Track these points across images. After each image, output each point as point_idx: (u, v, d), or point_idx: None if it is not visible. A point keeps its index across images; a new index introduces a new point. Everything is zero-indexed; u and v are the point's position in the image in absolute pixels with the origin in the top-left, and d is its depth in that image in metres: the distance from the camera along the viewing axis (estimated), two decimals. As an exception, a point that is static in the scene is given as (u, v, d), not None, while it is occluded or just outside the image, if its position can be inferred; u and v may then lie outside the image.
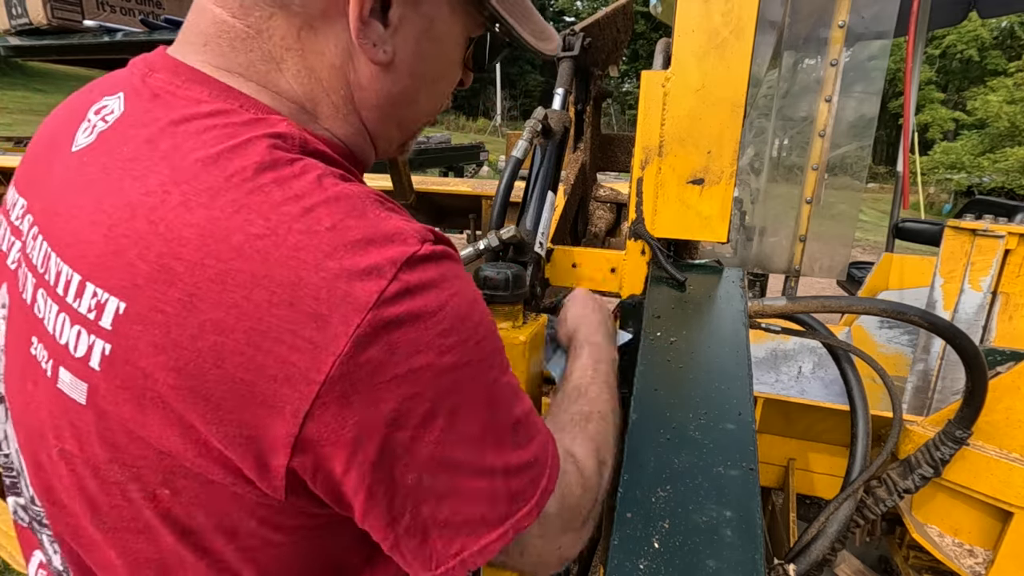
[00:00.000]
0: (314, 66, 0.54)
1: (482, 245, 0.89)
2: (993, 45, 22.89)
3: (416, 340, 0.44)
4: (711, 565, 0.51)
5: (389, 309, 0.43)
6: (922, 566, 1.29)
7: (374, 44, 0.54)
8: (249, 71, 0.53)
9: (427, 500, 0.48)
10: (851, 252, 2.03)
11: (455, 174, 8.09)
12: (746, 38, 0.89)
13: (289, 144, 0.49)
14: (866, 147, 1.95)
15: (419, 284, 0.45)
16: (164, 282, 0.43)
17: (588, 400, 0.75)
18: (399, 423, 0.45)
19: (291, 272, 0.42)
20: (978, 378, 0.96)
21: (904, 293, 2.06)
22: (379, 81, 0.57)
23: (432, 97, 0.64)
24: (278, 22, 0.52)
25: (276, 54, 0.53)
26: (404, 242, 0.46)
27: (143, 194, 0.45)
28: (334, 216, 0.45)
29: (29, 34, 1.97)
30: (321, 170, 0.47)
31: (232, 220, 0.43)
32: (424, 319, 0.45)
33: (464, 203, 2.63)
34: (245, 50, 0.52)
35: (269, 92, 0.53)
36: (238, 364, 0.42)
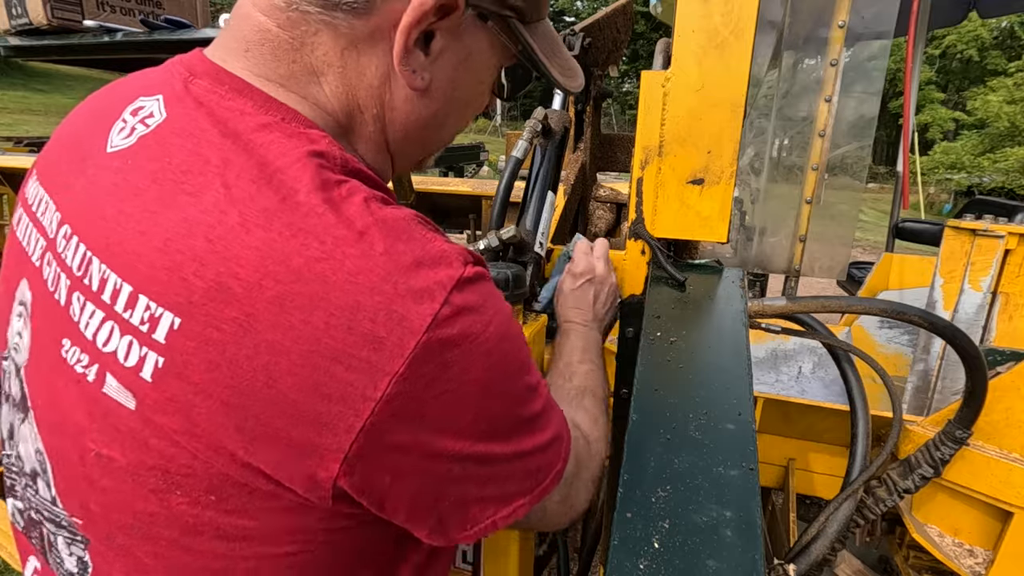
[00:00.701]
0: (352, 84, 0.55)
1: (482, 245, 0.89)
2: (993, 45, 22.89)
3: (465, 358, 0.47)
4: (711, 565, 0.51)
5: (442, 331, 0.45)
6: (922, 566, 1.29)
7: (414, 71, 0.56)
8: (290, 81, 0.54)
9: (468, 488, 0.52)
10: (851, 252, 2.03)
11: (455, 174, 8.09)
12: (746, 38, 0.89)
13: (332, 164, 0.50)
14: (866, 147, 1.95)
15: (467, 306, 0.48)
16: (221, 301, 0.44)
17: (580, 378, 0.83)
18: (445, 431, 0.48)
19: (349, 296, 0.44)
20: (978, 378, 0.96)
21: (904, 293, 2.06)
22: (412, 104, 0.59)
23: (458, 122, 0.67)
24: (323, 39, 0.53)
25: (317, 68, 0.54)
26: (450, 265, 0.48)
27: (200, 212, 0.46)
28: (386, 240, 0.46)
29: (29, 34, 1.97)
30: (366, 192, 0.49)
31: (290, 243, 0.45)
32: (472, 339, 0.48)
33: (464, 203, 2.63)
34: (288, 61, 0.53)
35: (308, 104, 0.54)
36: (292, 384, 0.44)
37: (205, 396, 0.45)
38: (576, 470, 0.64)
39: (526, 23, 0.61)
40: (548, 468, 0.58)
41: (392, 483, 0.48)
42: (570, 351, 0.88)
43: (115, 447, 0.50)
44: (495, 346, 0.50)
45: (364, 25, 0.52)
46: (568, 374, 0.84)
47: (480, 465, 0.51)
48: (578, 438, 0.67)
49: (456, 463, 0.50)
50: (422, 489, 0.50)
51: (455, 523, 0.54)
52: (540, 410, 0.58)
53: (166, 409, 0.46)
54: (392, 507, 0.50)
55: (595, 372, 0.86)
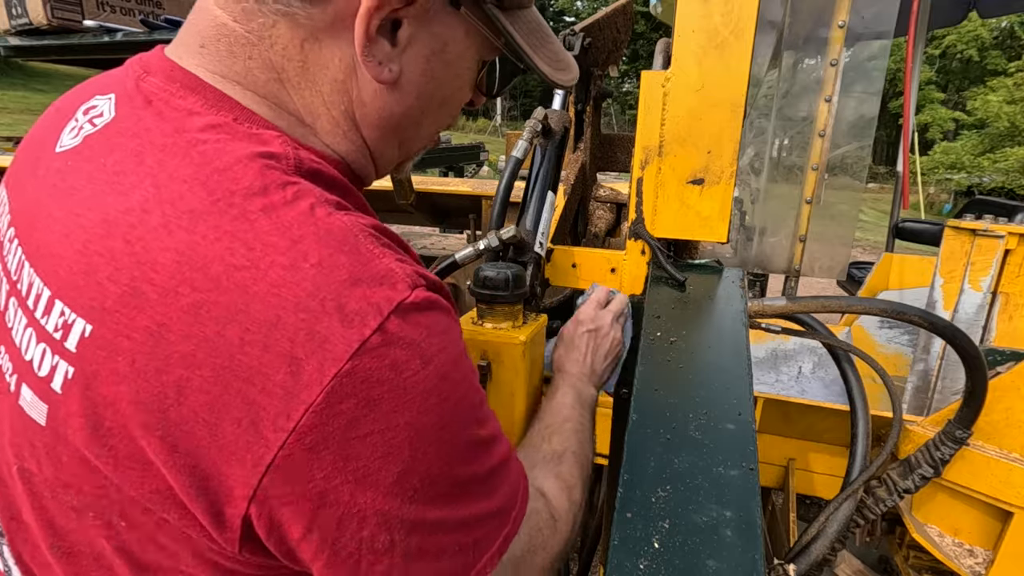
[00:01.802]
0: (316, 79, 0.51)
1: (482, 245, 0.89)
2: (993, 45, 22.89)
3: (396, 397, 0.42)
4: (711, 565, 0.51)
5: (370, 361, 0.40)
6: (922, 566, 1.29)
7: (379, 62, 0.51)
8: (247, 79, 0.50)
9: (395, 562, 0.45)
10: (851, 252, 2.03)
11: (455, 174, 8.08)
12: (746, 38, 0.89)
13: (284, 165, 0.46)
14: (866, 147, 1.95)
15: (403, 337, 0.42)
16: (134, 307, 0.40)
17: (561, 439, 0.74)
18: (369, 482, 0.42)
19: (269, 310, 0.40)
20: (978, 378, 0.96)
21: (904, 293, 2.06)
22: (382, 100, 0.54)
23: (437, 120, 0.61)
24: (281, 31, 0.49)
25: (277, 63, 0.50)
26: (393, 286, 0.43)
27: (122, 211, 0.43)
28: (322, 251, 0.42)
29: (29, 34, 1.97)
30: (315, 198, 0.45)
31: (213, 247, 0.41)
32: (407, 375, 0.42)
33: (464, 203, 2.63)
34: (244, 56, 0.49)
35: (268, 103, 0.50)
36: (202, 403, 0.39)
37: (114, 411, 0.41)
38: (528, 550, 0.55)
39: (505, 10, 0.56)
40: (487, 544, 0.51)
41: (305, 538, 0.42)
42: (557, 407, 0.80)
43: (32, 462, 0.47)
44: (435, 387, 0.44)
45: (323, 14, 0.48)
46: (548, 433, 0.76)
47: (409, 533, 0.45)
48: (539, 511, 0.59)
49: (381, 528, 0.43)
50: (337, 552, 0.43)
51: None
52: (487, 472, 0.51)
53: (74, 424, 0.43)
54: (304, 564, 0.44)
55: (580, 432, 0.78)
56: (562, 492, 0.65)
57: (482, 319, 0.85)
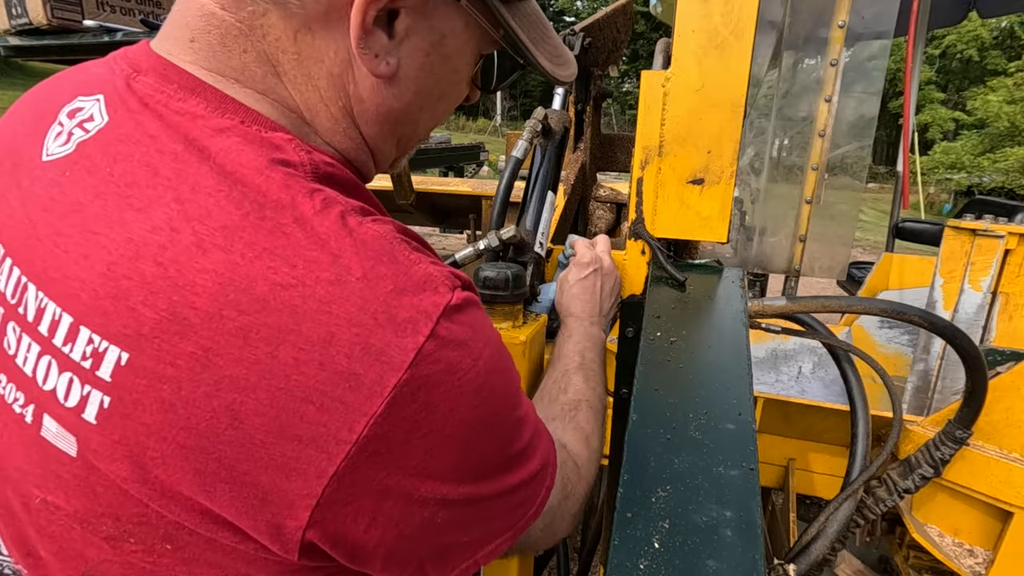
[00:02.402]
0: (312, 73, 0.49)
1: (482, 245, 0.89)
2: (993, 45, 22.88)
3: (453, 397, 0.43)
4: (711, 565, 0.51)
5: (427, 367, 0.41)
6: (922, 566, 1.29)
7: (376, 55, 0.49)
8: (244, 75, 0.47)
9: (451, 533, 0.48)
10: (851, 252, 2.03)
11: (455, 174, 8.08)
12: (746, 38, 0.89)
13: (302, 171, 0.45)
14: (866, 147, 1.95)
15: (455, 339, 0.43)
16: (176, 334, 0.39)
17: (575, 388, 0.78)
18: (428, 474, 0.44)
19: (321, 328, 0.39)
20: (978, 378, 0.96)
21: (904, 293, 2.06)
22: (380, 95, 0.52)
23: (434, 115, 0.60)
24: (273, 20, 0.46)
25: (272, 56, 0.47)
26: (436, 291, 0.43)
27: (148, 230, 0.41)
28: (364, 263, 0.41)
29: (29, 34, 1.97)
30: (342, 205, 0.44)
31: (253, 266, 0.39)
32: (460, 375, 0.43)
33: (464, 203, 2.63)
34: (239, 50, 0.47)
35: (268, 100, 0.48)
36: (259, 425, 0.39)
37: (159, 439, 0.40)
38: (562, 498, 0.60)
39: (505, 1, 0.54)
40: (532, 500, 0.55)
41: (367, 531, 0.43)
42: (569, 354, 0.83)
43: (59, 494, 0.45)
44: (485, 381, 0.45)
45: (316, 3, 0.46)
46: (564, 384, 0.79)
47: (465, 508, 0.48)
48: (565, 461, 0.63)
49: (440, 508, 0.46)
50: (401, 538, 0.45)
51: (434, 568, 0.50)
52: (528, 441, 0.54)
53: (113, 454, 0.41)
54: (366, 557, 0.45)
55: (593, 378, 0.81)
56: (582, 442, 0.70)
57: (482, 319, 0.85)
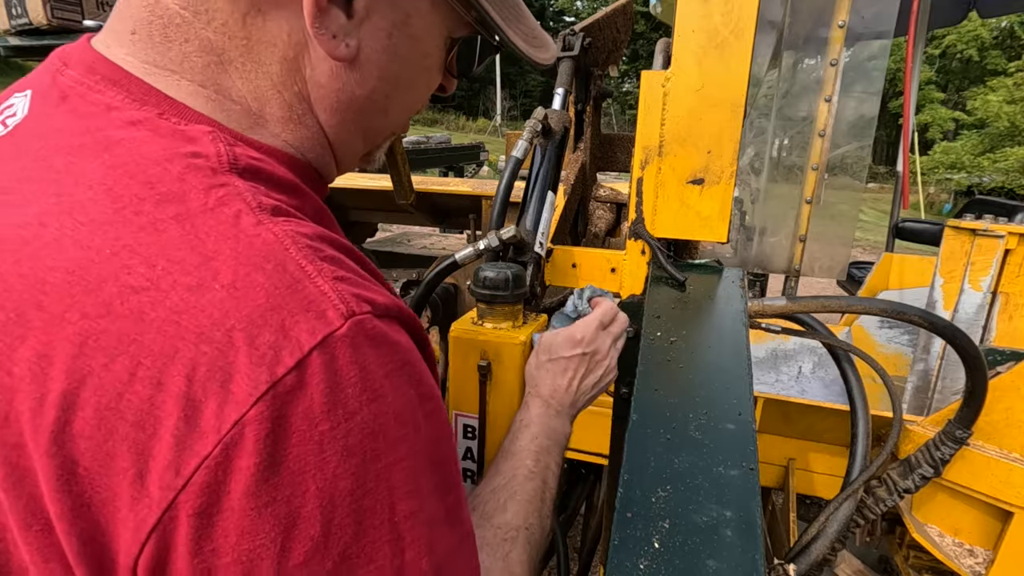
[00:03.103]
0: (263, 58, 0.45)
1: (482, 245, 0.89)
2: (993, 45, 22.89)
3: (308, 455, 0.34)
4: (711, 565, 0.51)
5: (279, 407, 0.33)
6: (922, 566, 1.29)
7: (333, 36, 0.45)
8: (184, 66, 0.43)
9: None
10: (851, 252, 2.03)
11: (455, 174, 8.09)
12: (746, 38, 0.89)
13: (213, 163, 0.40)
14: (866, 147, 1.95)
15: (327, 380, 0.35)
16: (17, 337, 0.34)
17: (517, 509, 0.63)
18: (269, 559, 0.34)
19: (166, 341, 0.33)
20: (978, 378, 0.96)
21: (904, 293, 2.06)
22: (340, 80, 0.48)
23: (404, 104, 0.55)
24: (219, 4, 0.43)
25: (217, 43, 0.44)
26: (321, 315, 0.36)
27: (17, 225, 0.36)
28: (239, 269, 0.35)
29: (29, 34, 1.97)
30: (245, 203, 0.38)
31: (108, 265, 0.34)
32: (324, 428, 0.35)
33: (464, 203, 2.63)
34: (180, 40, 0.43)
35: (206, 92, 0.44)
36: (85, 449, 0.33)
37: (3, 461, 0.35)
38: None
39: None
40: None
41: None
42: (522, 451, 0.69)
43: None
44: (358, 445, 0.36)
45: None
46: (506, 496, 0.63)
47: None
48: None
49: None
50: None
51: None
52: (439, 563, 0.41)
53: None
54: None
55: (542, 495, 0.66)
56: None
57: (482, 319, 0.85)
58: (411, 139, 8.56)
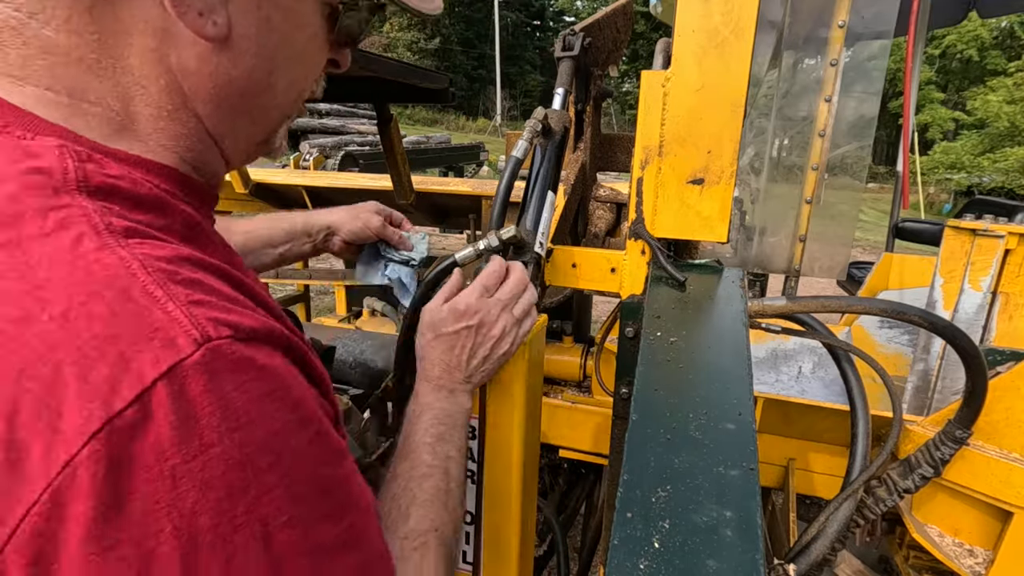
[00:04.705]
0: (119, 52, 0.40)
1: (482, 245, 0.89)
2: (993, 45, 22.89)
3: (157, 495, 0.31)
4: (711, 565, 0.51)
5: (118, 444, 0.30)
6: (922, 566, 1.29)
7: (200, 13, 0.41)
8: (25, 71, 0.39)
9: None
10: (851, 252, 2.03)
11: (455, 174, 8.10)
12: (746, 38, 0.89)
13: (56, 181, 0.36)
14: (866, 147, 1.96)
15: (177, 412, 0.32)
16: None
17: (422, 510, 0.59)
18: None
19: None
20: (978, 378, 0.96)
21: (904, 293, 2.06)
22: (211, 63, 0.43)
23: (293, 82, 0.51)
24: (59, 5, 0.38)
25: (61, 43, 0.39)
26: (170, 343, 0.32)
27: None
28: (74, 298, 0.32)
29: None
30: (88, 226, 0.35)
31: None
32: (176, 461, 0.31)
33: (464, 203, 2.63)
34: (17, 44, 0.38)
35: (56, 97, 0.40)
36: None
37: None
38: None
39: None
40: None
41: None
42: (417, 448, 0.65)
43: None
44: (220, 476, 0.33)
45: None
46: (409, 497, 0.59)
47: None
48: None
49: None
50: None
51: None
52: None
53: None
54: None
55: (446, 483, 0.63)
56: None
57: (482, 319, 0.85)
58: (411, 139, 8.56)
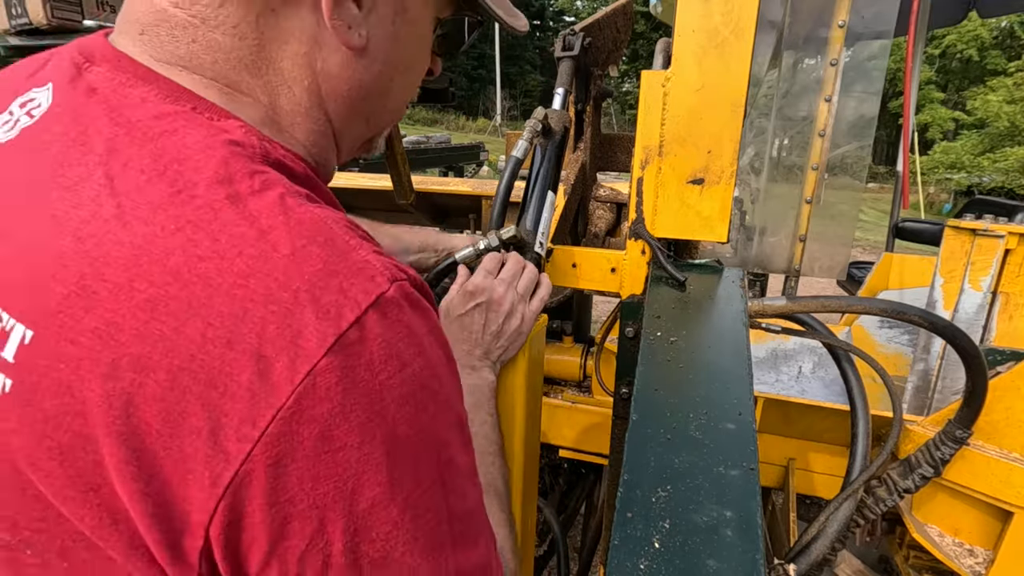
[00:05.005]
0: (273, 55, 0.47)
1: (482, 245, 0.89)
2: (993, 45, 22.89)
3: (371, 404, 0.37)
4: (711, 565, 0.50)
5: (345, 359, 0.36)
6: (922, 566, 1.29)
7: (349, 27, 0.48)
8: (193, 63, 0.45)
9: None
10: (851, 252, 2.03)
11: (455, 174, 8.09)
12: (746, 38, 0.89)
13: (249, 153, 0.43)
14: (866, 147, 1.96)
15: (382, 335, 0.38)
16: (82, 308, 0.36)
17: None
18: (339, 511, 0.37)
19: (235, 303, 0.35)
20: (978, 378, 0.96)
21: (904, 293, 2.06)
22: (351, 68, 0.51)
23: (404, 87, 0.59)
24: (230, 9, 0.45)
25: (225, 44, 0.45)
26: (371, 279, 0.39)
27: (72, 206, 0.39)
28: (295, 241, 0.38)
29: (29, 34, 1.97)
30: (285, 187, 0.42)
31: (173, 238, 0.37)
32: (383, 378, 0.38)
33: (464, 203, 2.62)
34: (187, 40, 0.45)
35: (218, 87, 0.46)
36: (156, 412, 0.35)
37: (54, 427, 0.36)
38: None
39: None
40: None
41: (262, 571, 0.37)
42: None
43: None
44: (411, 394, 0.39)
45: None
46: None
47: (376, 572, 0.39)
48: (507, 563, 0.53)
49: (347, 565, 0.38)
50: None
51: None
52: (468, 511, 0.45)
53: (13, 444, 0.38)
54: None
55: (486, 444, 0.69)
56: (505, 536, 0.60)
57: (482, 319, 0.85)
58: (411, 139, 8.56)
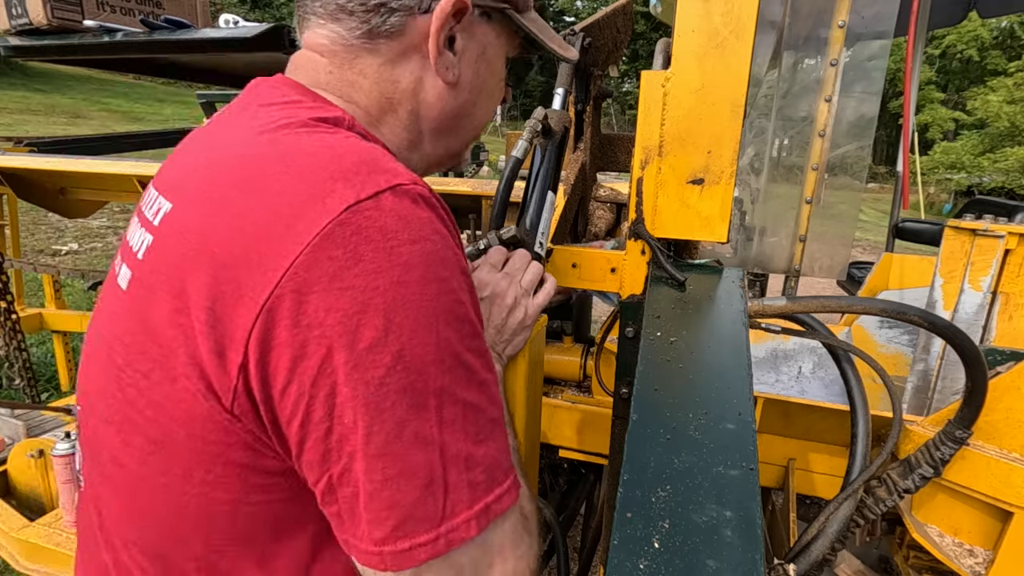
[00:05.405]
0: (385, 90, 0.66)
1: (482, 245, 0.89)
2: (993, 45, 22.88)
3: (380, 258, 0.46)
4: (711, 565, 0.50)
5: (361, 218, 0.46)
6: (922, 566, 1.29)
7: (447, 68, 0.67)
8: (329, 85, 0.65)
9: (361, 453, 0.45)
10: (851, 252, 2.03)
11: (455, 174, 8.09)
12: (746, 38, 0.89)
13: (336, 122, 0.58)
14: (866, 147, 1.95)
15: (397, 210, 0.48)
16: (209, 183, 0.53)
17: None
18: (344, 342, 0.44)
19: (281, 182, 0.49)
20: (978, 378, 0.96)
21: (904, 293, 2.06)
22: (444, 99, 0.69)
23: (484, 111, 0.76)
24: (364, 60, 0.65)
25: (353, 79, 0.65)
26: (395, 175, 0.50)
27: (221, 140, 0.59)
28: (342, 147, 0.52)
29: (29, 34, 1.97)
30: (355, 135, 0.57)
31: (267, 148, 0.53)
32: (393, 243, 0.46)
33: (464, 203, 2.62)
34: (325, 72, 0.65)
35: (343, 99, 0.65)
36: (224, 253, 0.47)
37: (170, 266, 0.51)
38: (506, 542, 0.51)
39: (520, 12, 0.73)
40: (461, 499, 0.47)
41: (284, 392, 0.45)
42: None
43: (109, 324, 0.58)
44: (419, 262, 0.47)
45: (399, 44, 0.64)
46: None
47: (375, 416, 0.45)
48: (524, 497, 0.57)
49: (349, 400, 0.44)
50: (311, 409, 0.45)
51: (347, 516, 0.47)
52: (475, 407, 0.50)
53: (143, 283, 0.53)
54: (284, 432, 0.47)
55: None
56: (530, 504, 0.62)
57: (482, 319, 0.85)
58: (411, 139, 8.56)
